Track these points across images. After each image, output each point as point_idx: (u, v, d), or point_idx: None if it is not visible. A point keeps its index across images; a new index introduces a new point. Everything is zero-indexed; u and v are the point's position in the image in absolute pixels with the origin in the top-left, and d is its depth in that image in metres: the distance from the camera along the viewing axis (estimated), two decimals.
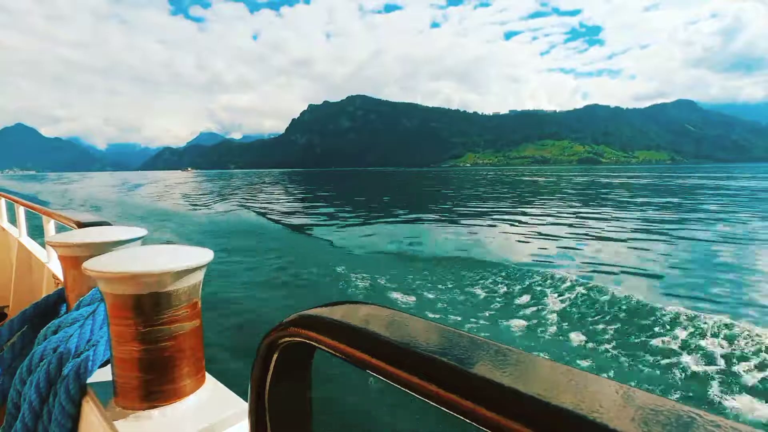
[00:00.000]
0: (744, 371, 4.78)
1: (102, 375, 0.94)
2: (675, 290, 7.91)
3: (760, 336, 5.42)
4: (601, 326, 6.06)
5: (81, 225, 1.45)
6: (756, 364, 4.89)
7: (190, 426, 0.78)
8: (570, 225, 16.61)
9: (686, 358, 5.10)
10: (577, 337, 5.76)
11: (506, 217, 19.59)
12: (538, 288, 7.68)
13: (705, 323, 5.86)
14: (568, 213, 20.88)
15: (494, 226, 16.65)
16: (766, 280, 8.58)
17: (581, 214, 20.08)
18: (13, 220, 3.67)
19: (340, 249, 12.14)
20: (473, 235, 14.53)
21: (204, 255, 0.84)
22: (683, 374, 4.79)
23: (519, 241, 13.12)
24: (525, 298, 7.29)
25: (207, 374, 0.92)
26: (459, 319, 6.45)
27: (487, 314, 6.63)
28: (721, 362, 4.98)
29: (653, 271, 9.33)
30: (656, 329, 5.86)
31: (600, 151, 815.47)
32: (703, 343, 5.41)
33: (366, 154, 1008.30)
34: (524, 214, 20.79)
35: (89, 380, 0.93)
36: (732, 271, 9.30)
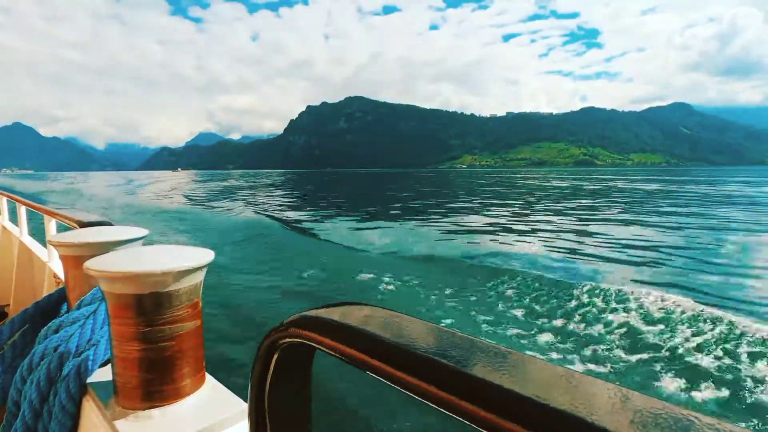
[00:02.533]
0: (743, 371, 4.72)
1: (102, 374, 0.95)
2: (672, 291, 7.97)
3: (757, 334, 5.42)
4: (599, 328, 6.09)
5: (82, 224, 1.46)
6: (755, 363, 4.85)
7: (190, 426, 0.78)
8: (567, 226, 16.71)
9: (684, 360, 5.08)
10: (575, 339, 5.77)
11: (505, 219, 19.66)
12: (537, 290, 7.72)
13: (702, 323, 5.86)
14: (565, 214, 20.87)
15: (493, 227, 16.79)
16: (762, 277, 8.84)
17: (578, 216, 20.09)
18: (14, 219, 3.72)
19: (340, 249, 12.25)
20: (472, 236, 14.61)
21: (205, 255, 0.85)
22: (682, 375, 4.77)
23: (518, 244, 13.21)
24: (523, 300, 7.33)
25: (207, 374, 0.93)
26: (458, 320, 6.49)
27: (486, 316, 6.66)
28: (721, 363, 4.93)
29: (651, 272, 9.45)
30: (653, 330, 5.87)
31: (595, 154, 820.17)
32: (700, 344, 5.38)
33: (364, 156, 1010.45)
34: (522, 216, 20.81)
35: (90, 379, 0.94)
36: (729, 270, 9.43)
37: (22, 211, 3.40)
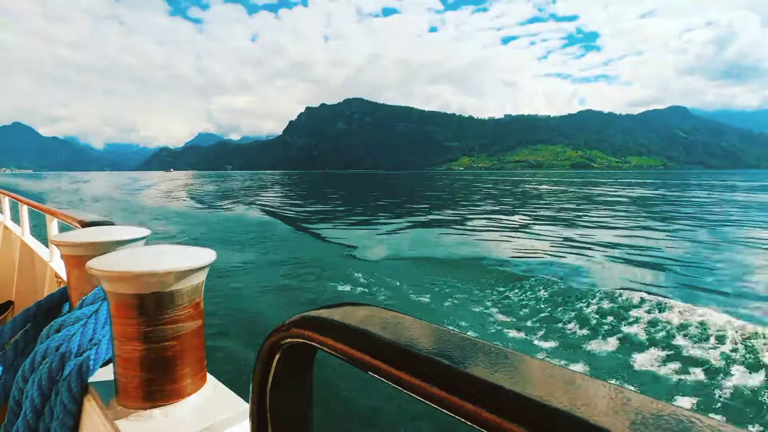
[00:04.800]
0: (742, 372, 4.72)
1: (104, 374, 0.96)
2: (671, 290, 8.02)
3: (755, 334, 5.49)
4: (599, 328, 6.14)
5: (84, 224, 1.47)
6: (753, 363, 4.86)
7: (191, 426, 0.79)
8: (566, 227, 16.79)
9: (685, 360, 5.09)
10: (576, 339, 5.82)
11: (506, 220, 19.76)
12: (537, 290, 7.74)
13: (701, 324, 5.90)
14: (565, 216, 20.95)
15: (494, 228, 16.85)
16: (762, 279, 8.96)
17: (578, 218, 20.17)
18: (16, 218, 3.71)
19: (341, 250, 12.31)
20: (473, 237, 14.73)
21: (207, 255, 0.85)
22: (683, 376, 4.76)
23: (518, 244, 13.28)
24: (525, 301, 7.33)
25: (208, 374, 0.93)
26: (458, 320, 6.54)
27: (487, 316, 6.71)
28: (719, 363, 4.92)
29: (650, 272, 9.56)
30: (653, 331, 5.92)
31: (592, 157, 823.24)
32: (701, 344, 5.39)
33: (362, 157, 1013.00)
34: (521, 217, 20.88)
35: (91, 379, 0.94)
36: (728, 271, 9.57)
37: (24, 210, 3.41)
